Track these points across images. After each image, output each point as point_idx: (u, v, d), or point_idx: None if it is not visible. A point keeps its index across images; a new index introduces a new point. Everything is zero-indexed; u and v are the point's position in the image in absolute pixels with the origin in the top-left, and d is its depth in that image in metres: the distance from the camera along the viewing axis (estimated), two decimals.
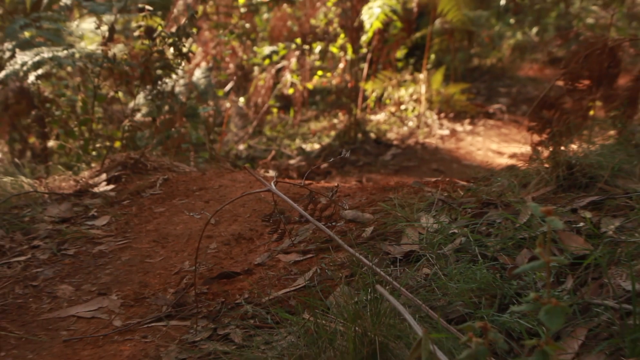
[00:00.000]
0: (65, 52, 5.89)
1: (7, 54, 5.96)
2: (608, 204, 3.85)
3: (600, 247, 3.18)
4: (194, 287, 3.87)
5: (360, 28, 8.50)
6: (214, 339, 3.68)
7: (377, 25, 8.08)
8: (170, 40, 7.18)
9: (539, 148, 4.81)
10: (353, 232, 4.20)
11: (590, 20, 12.04)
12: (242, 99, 8.46)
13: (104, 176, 5.49)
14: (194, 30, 8.73)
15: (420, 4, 8.79)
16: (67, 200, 5.23)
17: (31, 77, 5.81)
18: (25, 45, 6.06)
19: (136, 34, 7.13)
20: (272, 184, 4.41)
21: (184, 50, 7.69)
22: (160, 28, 7.66)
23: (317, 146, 7.32)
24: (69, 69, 6.13)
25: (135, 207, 5.07)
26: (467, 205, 4.32)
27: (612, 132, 4.95)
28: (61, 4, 7.20)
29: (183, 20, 8.28)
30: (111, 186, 5.35)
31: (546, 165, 4.40)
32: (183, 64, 7.55)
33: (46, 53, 5.83)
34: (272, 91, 8.72)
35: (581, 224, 3.51)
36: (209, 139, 6.78)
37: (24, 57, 5.80)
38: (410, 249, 3.94)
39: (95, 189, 5.30)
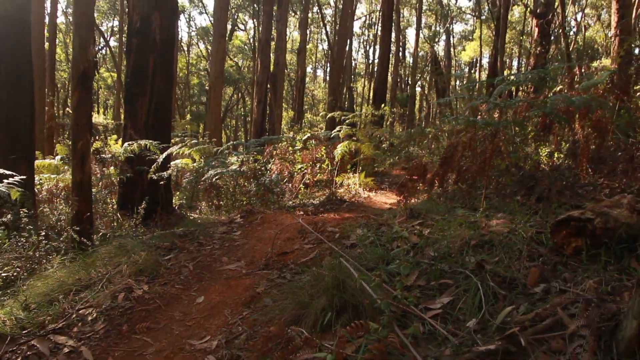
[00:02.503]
0: (226, 169, 5.96)
1: (206, 170, 6.04)
2: (425, 223, 3.88)
3: (422, 239, 3.26)
4: (271, 258, 3.92)
5: (334, 157, 8.56)
6: (280, 277, 3.57)
7: (340, 156, 8.14)
8: (263, 164, 7.31)
9: (401, 202, 4.92)
10: (331, 236, 4.30)
11: (415, 153, 12.10)
12: (289, 184, 8.53)
13: (239, 215, 5.53)
14: (271, 160, 8.86)
15: (356, 149, 8.88)
16: (225, 225, 5.25)
17: (214, 179, 5.85)
18: (211, 167, 6.06)
19: (251, 160, 7.17)
20: (300, 219, 4.49)
21: (268, 167, 7.87)
22: (260, 159, 7.79)
23: (317, 202, 7.37)
24: (228, 175, 6.16)
25: (250, 227, 5.08)
26: (373, 224, 4.30)
27: (425, 195, 5.03)
28: (225, 152, 7.23)
29: (268, 157, 8.46)
30: (241, 219, 5.38)
31: (403, 208, 4.51)
32: (268, 172, 7.63)
33: (219, 170, 5.88)
34: (301, 181, 8.77)
35: (415, 231, 3.56)
36: (277, 200, 6.84)
37: (211, 172, 5.83)
38: (353, 242, 3.89)
39: (236, 220, 5.35)
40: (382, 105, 13.87)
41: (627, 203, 2.72)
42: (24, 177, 4.70)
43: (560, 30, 15.39)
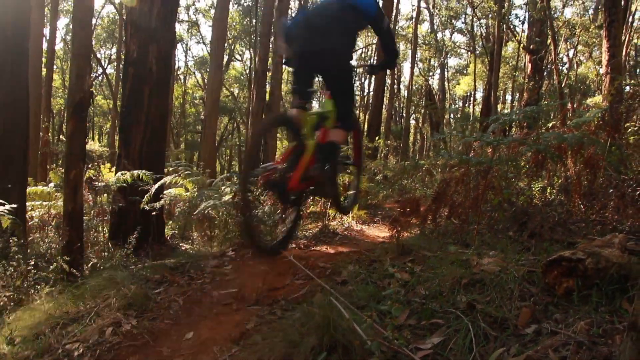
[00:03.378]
0: (218, 201, 5.90)
1: (199, 201, 5.99)
2: (417, 259, 3.84)
3: (413, 277, 3.25)
4: (262, 293, 3.87)
5: None
6: (270, 313, 3.51)
7: None
8: (257, 195, 7.23)
9: (393, 236, 4.88)
10: (322, 272, 4.23)
11: (408, 187, 12.00)
12: (283, 216, 8.45)
13: (230, 249, 5.46)
14: (265, 191, 8.76)
15: (349, 181, 8.86)
16: (217, 258, 5.17)
17: (207, 210, 5.79)
18: (205, 198, 6.05)
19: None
20: (291, 255, 4.44)
21: (261, 199, 7.76)
22: (253, 190, 7.73)
23: (310, 234, 7.29)
24: (220, 207, 6.07)
25: (242, 261, 4.98)
26: (365, 260, 4.24)
27: (418, 230, 4.99)
28: (219, 183, 7.20)
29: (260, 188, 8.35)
30: (233, 252, 5.29)
31: (395, 244, 4.45)
32: (261, 204, 7.56)
33: (211, 202, 5.83)
34: None
35: (407, 268, 3.55)
36: (270, 232, 6.78)
37: (204, 204, 5.78)
38: (344, 279, 3.81)
39: (227, 254, 5.28)
40: (377, 137, 14.07)
41: (618, 242, 2.74)
42: (15, 205, 4.69)
43: (554, 67, 15.78)
